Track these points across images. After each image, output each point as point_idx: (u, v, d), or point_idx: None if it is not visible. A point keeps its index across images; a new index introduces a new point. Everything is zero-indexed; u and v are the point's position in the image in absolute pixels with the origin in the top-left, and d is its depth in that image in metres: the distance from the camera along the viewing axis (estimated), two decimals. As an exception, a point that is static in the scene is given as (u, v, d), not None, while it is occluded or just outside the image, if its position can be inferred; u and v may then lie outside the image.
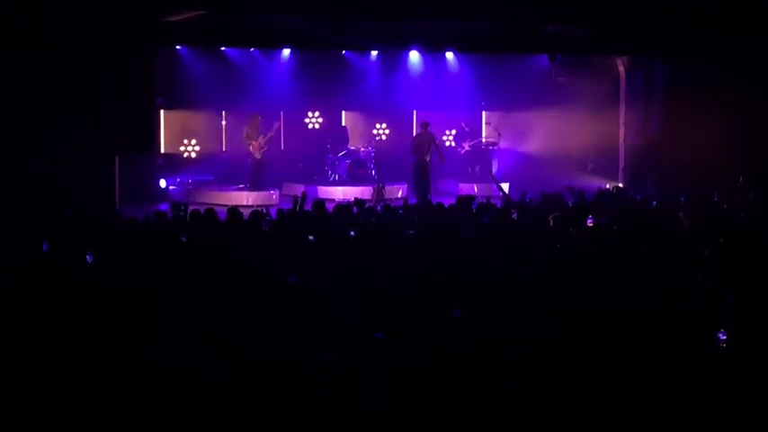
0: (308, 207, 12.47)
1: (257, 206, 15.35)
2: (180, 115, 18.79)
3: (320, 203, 12.20)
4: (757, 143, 17.01)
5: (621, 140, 19.85)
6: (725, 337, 6.23)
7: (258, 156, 17.62)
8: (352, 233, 10.27)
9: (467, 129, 20.36)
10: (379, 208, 13.35)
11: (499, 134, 20.26)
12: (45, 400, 5.49)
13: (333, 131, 19.94)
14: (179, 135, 18.72)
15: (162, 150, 18.39)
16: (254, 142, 17.58)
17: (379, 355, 5.98)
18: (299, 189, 18.37)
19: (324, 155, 18.99)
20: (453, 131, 20.93)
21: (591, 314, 6.70)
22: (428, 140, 17.62)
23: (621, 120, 19.83)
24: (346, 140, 19.68)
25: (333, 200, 15.41)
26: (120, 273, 7.99)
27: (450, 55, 19.76)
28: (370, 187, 17.62)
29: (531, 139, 20.45)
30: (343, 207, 12.37)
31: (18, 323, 6.62)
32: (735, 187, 15.13)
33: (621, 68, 19.73)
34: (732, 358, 6.18)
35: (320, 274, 7.96)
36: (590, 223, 10.94)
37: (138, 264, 8.22)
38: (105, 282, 7.68)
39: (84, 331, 6.46)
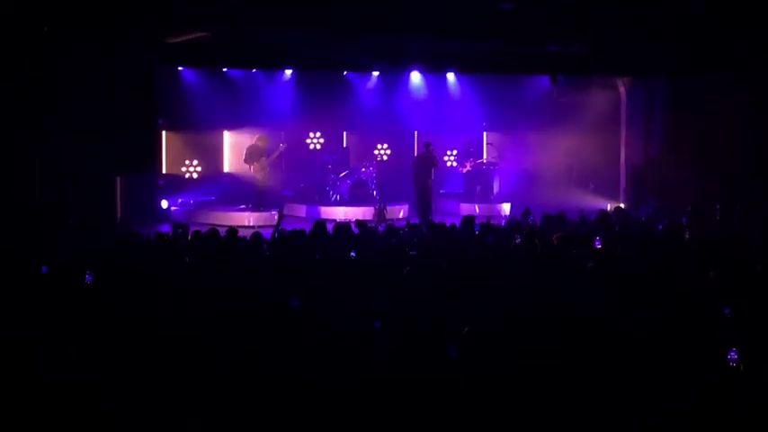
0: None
1: (259, 227, 15.35)
2: (181, 136, 18.83)
3: (321, 224, 12.17)
4: (760, 160, 17.01)
5: (623, 160, 19.86)
6: (735, 356, 6.15)
7: (260, 177, 17.60)
8: (352, 254, 10.23)
9: (471, 149, 20.38)
10: (381, 228, 13.32)
11: (500, 155, 20.33)
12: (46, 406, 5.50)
13: (334, 152, 19.95)
14: (180, 155, 18.75)
15: (163, 171, 18.40)
16: (255, 164, 17.55)
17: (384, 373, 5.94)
18: (300, 210, 18.46)
19: (325, 175, 18.98)
20: (455, 151, 20.96)
21: (592, 330, 6.65)
22: (430, 161, 17.64)
23: (622, 139, 19.86)
24: (347, 160, 19.67)
25: (334, 220, 15.38)
26: (119, 292, 7.96)
27: (451, 76, 19.81)
28: (372, 208, 17.61)
29: (532, 159, 20.45)
30: (343, 226, 12.34)
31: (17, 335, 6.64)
32: (736, 205, 15.08)
33: (622, 88, 19.78)
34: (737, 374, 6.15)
35: (322, 295, 7.92)
36: (598, 245, 10.88)
37: (138, 284, 8.19)
38: (104, 301, 7.64)
39: (82, 348, 6.46)
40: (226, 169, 19.59)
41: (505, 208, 18.65)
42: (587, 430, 5.36)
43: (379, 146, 20.67)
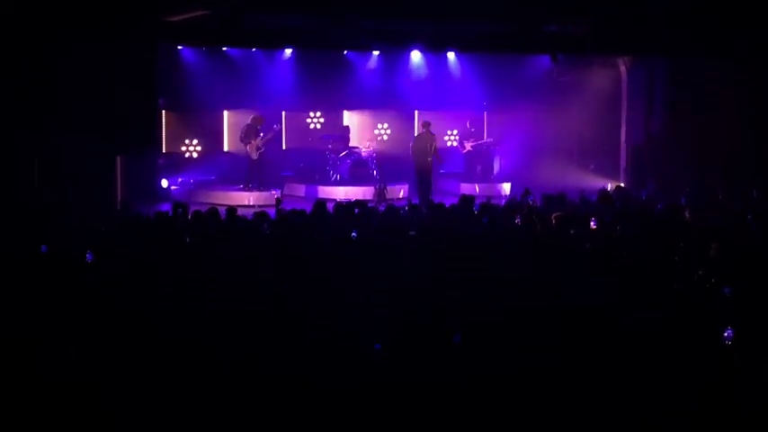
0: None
1: (259, 206, 15.35)
2: (181, 115, 18.80)
3: (321, 203, 12.17)
4: (760, 140, 16.98)
5: (623, 140, 19.82)
6: (731, 334, 6.17)
7: (255, 156, 17.62)
8: (353, 234, 10.23)
9: (472, 129, 20.34)
10: (381, 208, 13.32)
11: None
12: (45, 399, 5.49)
13: (334, 131, 19.90)
14: (180, 135, 18.73)
15: (163, 150, 18.39)
16: (252, 142, 17.57)
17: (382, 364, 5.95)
18: (300, 189, 18.44)
19: (325, 155, 18.95)
20: (455, 131, 20.91)
21: (592, 322, 6.66)
22: (429, 141, 17.59)
23: (623, 118, 19.81)
24: (347, 140, 19.63)
25: (334, 200, 15.38)
26: (119, 272, 7.96)
27: (451, 55, 19.73)
28: (372, 187, 17.59)
29: (533, 139, 20.39)
30: (344, 206, 12.33)
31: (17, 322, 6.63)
32: (738, 185, 15.07)
33: (623, 68, 19.70)
34: (734, 353, 6.16)
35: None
36: (593, 226, 10.88)
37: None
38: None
39: (81, 330, 6.46)
40: (226, 149, 19.57)
41: (506, 188, 18.63)
42: (587, 425, 5.36)
43: (379, 125, 20.63)
